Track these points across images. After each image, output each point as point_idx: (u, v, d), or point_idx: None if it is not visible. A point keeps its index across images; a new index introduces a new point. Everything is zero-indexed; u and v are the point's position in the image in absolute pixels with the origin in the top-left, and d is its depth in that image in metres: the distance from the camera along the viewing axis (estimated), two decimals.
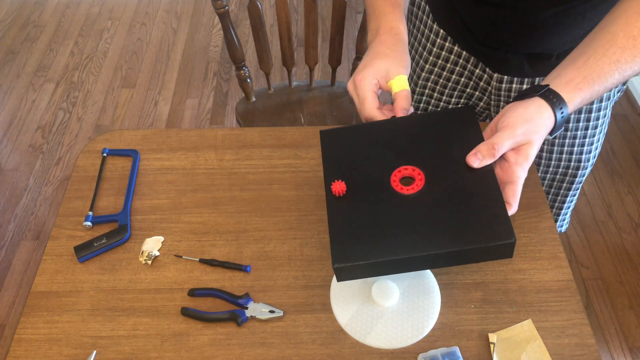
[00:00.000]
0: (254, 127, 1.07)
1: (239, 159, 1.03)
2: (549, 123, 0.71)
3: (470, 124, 0.70)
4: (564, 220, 1.23)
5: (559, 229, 1.24)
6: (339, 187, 0.68)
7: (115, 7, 2.88)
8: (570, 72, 0.73)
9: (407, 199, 0.65)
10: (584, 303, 1.68)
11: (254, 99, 1.62)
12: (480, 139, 0.71)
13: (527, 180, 0.97)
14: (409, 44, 1.16)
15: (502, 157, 0.71)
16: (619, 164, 2.09)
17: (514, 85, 1.02)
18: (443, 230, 0.62)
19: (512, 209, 0.69)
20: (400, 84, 0.75)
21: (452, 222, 0.63)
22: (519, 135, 0.69)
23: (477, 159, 0.69)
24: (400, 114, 0.73)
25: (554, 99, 0.71)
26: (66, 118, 2.31)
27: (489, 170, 0.67)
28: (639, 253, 1.83)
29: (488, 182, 0.65)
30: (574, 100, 0.72)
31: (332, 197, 0.68)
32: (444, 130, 0.70)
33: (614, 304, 1.71)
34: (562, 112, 0.71)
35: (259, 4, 1.40)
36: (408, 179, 0.68)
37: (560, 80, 0.73)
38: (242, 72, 1.54)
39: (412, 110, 0.75)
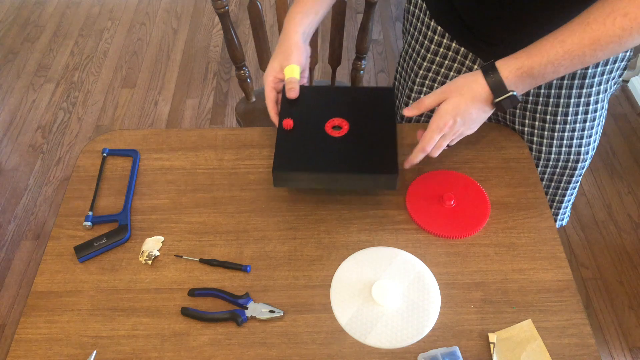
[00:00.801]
0: (254, 127, 1.07)
1: (239, 159, 1.03)
2: (480, 88, 0.85)
3: (388, 99, 0.95)
4: (564, 214, 1.25)
5: (560, 223, 1.25)
6: (287, 122, 0.91)
7: (115, 7, 2.88)
8: (520, 53, 0.84)
9: (334, 139, 0.90)
10: (584, 303, 1.68)
11: (254, 99, 1.62)
12: (392, 109, 0.94)
13: (526, 180, 0.98)
14: (405, 42, 1.17)
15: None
16: (619, 164, 2.09)
17: None
18: (351, 160, 0.87)
19: (422, 149, 0.89)
20: (287, 73, 0.94)
21: (358, 156, 0.87)
22: (438, 93, 0.88)
23: (409, 110, 0.90)
24: (289, 95, 0.94)
25: (488, 69, 0.85)
26: (66, 118, 2.32)
27: (392, 126, 0.91)
28: (639, 253, 1.83)
29: (390, 134, 0.90)
30: (508, 67, 0.83)
31: (282, 129, 0.91)
32: (370, 100, 0.95)
33: (614, 304, 1.71)
34: (492, 78, 0.84)
35: (259, 4, 1.40)
36: (338, 127, 0.92)
37: (507, 59, 0.85)
38: (242, 72, 1.54)
39: (297, 91, 0.95)
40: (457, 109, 0.86)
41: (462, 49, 1.06)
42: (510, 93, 0.84)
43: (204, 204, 0.96)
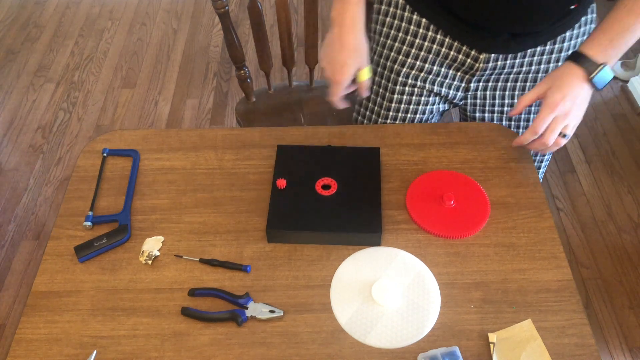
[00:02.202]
0: (254, 127, 1.07)
1: (239, 159, 1.03)
2: (576, 69, 0.91)
3: (374, 158, 1.00)
4: (543, 170, 1.30)
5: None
6: (281, 182, 0.95)
7: (115, 7, 2.88)
8: (595, 33, 0.92)
9: (323, 198, 0.94)
10: (583, 303, 1.69)
11: (254, 99, 1.62)
12: (377, 169, 0.98)
13: (526, 179, 0.98)
14: (377, 44, 1.18)
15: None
16: (619, 164, 2.09)
17: (499, 63, 1.07)
18: (339, 219, 0.91)
19: (534, 130, 0.92)
20: (364, 75, 1.00)
21: (346, 215, 0.92)
22: (537, 87, 0.94)
23: (514, 111, 0.97)
24: (363, 93, 1.02)
25: (575, 56, 0.92)
26: (66, 118, 2.32)
27: (377, 186, 0.96)
28: (639, 253, 1.83)
29: (375, 193, 0.95)
30: (592, 47, 0.91)
31: (275, 188, 0.95)
32: (358, 159, 1.00)
33: (614, 304, 1.71)
34: (581, 60, 0.91)
35: (259, 4, 1.40)
36: (327, 186, 0.96)
37: (585, 42, 0.93)
38: (242, 72, 1.54)
39: (367, 92, 1.03)
40: (563, 90, 0.92)
41: (447, 39, 1.06)
42: (602, 66, 0.90)
43: (204, 204, 0.96)
